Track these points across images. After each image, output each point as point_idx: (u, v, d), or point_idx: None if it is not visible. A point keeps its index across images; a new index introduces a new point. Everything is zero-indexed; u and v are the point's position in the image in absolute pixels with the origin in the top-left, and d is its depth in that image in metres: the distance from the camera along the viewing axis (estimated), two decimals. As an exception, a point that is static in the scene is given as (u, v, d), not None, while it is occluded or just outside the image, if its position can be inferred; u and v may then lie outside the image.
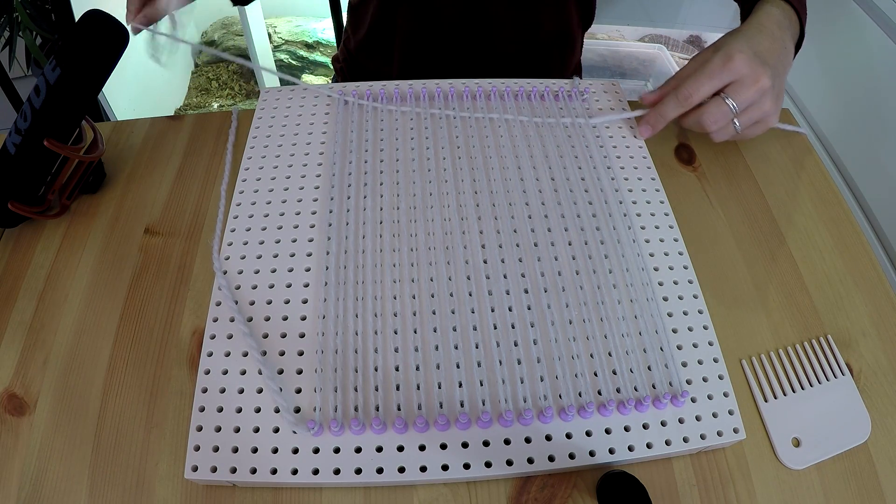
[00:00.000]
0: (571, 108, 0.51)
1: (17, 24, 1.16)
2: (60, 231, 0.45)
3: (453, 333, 0.37)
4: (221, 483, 0.33)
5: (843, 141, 0.93)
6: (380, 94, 0.51)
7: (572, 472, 0.33)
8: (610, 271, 0.40)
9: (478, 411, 0.34)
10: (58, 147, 0.41)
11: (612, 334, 0.37)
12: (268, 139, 0.49)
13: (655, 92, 0.47)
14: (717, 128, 0.44)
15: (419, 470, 0.32)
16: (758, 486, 0.34)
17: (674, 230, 0.43)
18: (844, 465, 0.35)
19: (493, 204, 0.43)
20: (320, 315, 0.38)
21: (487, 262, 0.40)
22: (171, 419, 0.35)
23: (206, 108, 1.85)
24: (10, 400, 0.36)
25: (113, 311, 0.40)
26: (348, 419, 0.33)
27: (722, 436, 0.34)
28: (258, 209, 0.44)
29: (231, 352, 0.36)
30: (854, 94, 0.89)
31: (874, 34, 0.84)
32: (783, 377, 0.37)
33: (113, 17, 0.41)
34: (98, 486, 0.33)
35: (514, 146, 0.48)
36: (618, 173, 0.46)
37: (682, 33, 1.92)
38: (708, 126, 0.44)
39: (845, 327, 0.40)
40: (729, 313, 0.41)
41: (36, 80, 0.48)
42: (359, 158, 0.47)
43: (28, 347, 0.39)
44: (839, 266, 0.44)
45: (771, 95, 0.43)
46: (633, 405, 0.34)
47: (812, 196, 0.48)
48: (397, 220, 0.42)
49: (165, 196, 0.47)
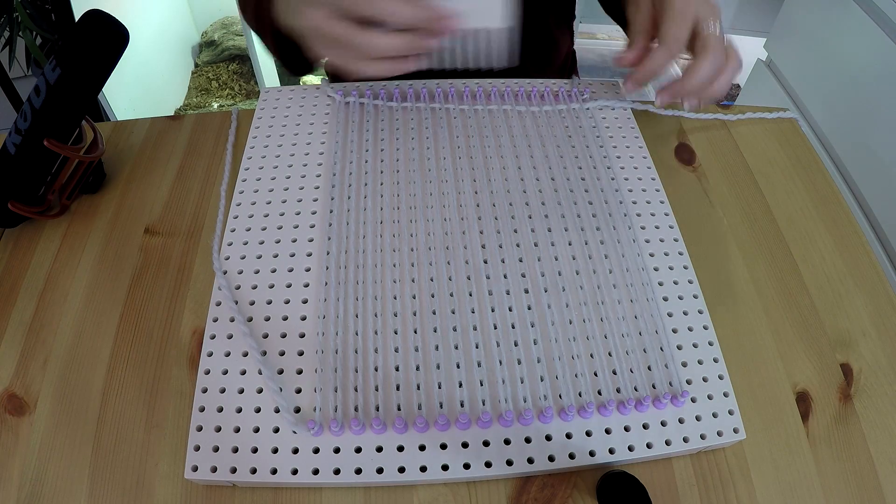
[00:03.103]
0: (571, 108, 0.51)
1: (17, 24, 1.16)
2: (60, 231, 0.45)
3: (453, 333, 0.37)
4: (221, 483, 0.33)
5: (844, 141, 0.93)
6: (380, 94, 0.51)
7: (572, 472, 0.33)
8: (610, 271, 0.40)
9: (478, 411, 0.34)
10: (58, 147, 0.41)
11: (612, 334, 0.37)
12: (268, 139, 0.49)
13: (630, 51, 0.44)
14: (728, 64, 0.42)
15: (419, 470, 0.32)
16: (758, 486, 0.34)
17: (674, 230, 0.43)
18: (844, 465, 0.35)
19: (493, 204, 0.44)
20: (320, 315, 0.38)
21: (488, 262, 0.40)
22: (171, 419, 0.35)
23: (206, 108, 1.85)
24: (10, 400, 0.36)
25: (113, 311, 0.40)
26: (348, 419, 0.33)
27: (722, 436, 0.34)
28: (258, 209, 0.44)
29: (231, 352, 0.36)
30: (854, 94, 0.89)
31: (874, 34, 0.84)
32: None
33: (113, 17, 0.41)
34: (98, 486, 0.33)
35: (515, 146, 0.48)
36: (618, 173, 0.46)
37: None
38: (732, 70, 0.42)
39: (845, 327, 0.40)
40: (729, 313, 0.41)
41: (36, 80, 0.48)
42: (359, 158, 0.47)
43: (28, 347, 0.39)
44: (839, 266, 0.44)
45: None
46: (633, 405, 0.34)
47: (812, 196, 0.48)
48: (397, 219, 0.42)
49: (165, 196, 0.47)
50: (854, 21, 0.88)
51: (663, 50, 0.42)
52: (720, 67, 0.42)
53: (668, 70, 0.43)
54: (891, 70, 0.81)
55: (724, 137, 0.53)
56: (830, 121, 0.95)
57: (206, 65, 1.97)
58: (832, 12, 0.93)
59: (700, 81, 0.41)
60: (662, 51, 0.42)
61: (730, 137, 0.53)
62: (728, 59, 0.42)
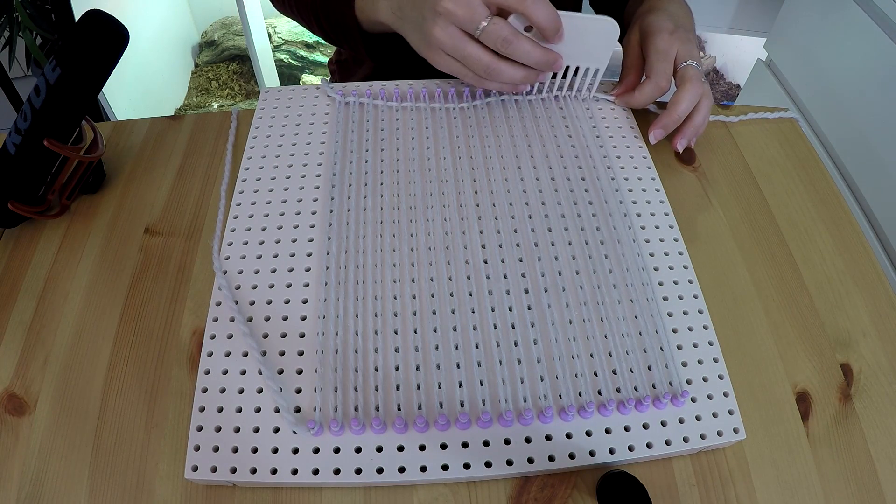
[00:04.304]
0: (571, 108, 0.51)
1: (17, 24, 1.16)
2: (60, 231, 0.45)
3: (453, 333, 0.37)
4: (221, 483, 0.33)
5: (844, 141, 0.93)
6: (380, 94, 0.51)
7: (572, 472, 0.33)
8: (610, 271, 0.40)
9: (478, 411, 0.34)
10: (58, 147, 0.41)
11: (612, 334, 0.37)
12: (268, 139, 0.49)
13: (622, 85, 0.51)
14: (707, 95, 0.47)
15: (419, 470, 0.32)
16: (758, 486, 0.34)
17: (674, 230, 0.43)
18: (844, 465, 0.35)
19: (493, 204, 0.44)
20: (320, 315, 0.38)
21: (488, 261, 0.40)
22: (171, 419, 0.35)
23: (206, 108, 1.85)
24: (10, 400, 0.36)
25: (113, 311, 0.40)
26: (348, 419, 0.33)
27: (722, 436, 0.34)
28: (258, 209, 0.44)
29: (231, 352, 0.36)
30: (854, 94, 0.89)
31: (874, 34, 0.84)
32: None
33: (113, 17, 0.41)
34: (98, 486, 0.33)
35: (515, 146, 0.48)
36: (618, 173, 0.46)
37: (681, 33, 1.90)
38: (708, 101, 0.47)
39: (845, 327, 0.40)
40: (729, 313, 0.41)
41: (36, 80, 0.48)
42: (359, 158, 0.47)
43: (28, 347, 0.39)
44: (839, 266, 0.44)
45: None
46: (634, 405, 0.34)
47: (812, 196, 0.48)
48: (397, 219, 0.42)
49: (165, 196, 0.47)
50: (854, 21, 0.88)
51: (652, 83, 0.48)
52: (700, 97, 0.47)
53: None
54: (891, 70, 0.81)
55: (724, 137, 0.53)
56: (830, 121, 0.95)
57: (206, 65, 1.97)
58: (832, 12, 0.93)
59: (683, 110, 0.46)
60: (651, 83, 0.48)
61: (730, 137, 0.53)
62: (704, 93, 0.47)
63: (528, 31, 0.44)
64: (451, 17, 0.41)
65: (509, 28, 0.41)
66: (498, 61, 0.43)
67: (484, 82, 0.46)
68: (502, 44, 0.41)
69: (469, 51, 0.42)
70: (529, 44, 0.42)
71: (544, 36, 0.43)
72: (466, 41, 0.42)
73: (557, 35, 0.43)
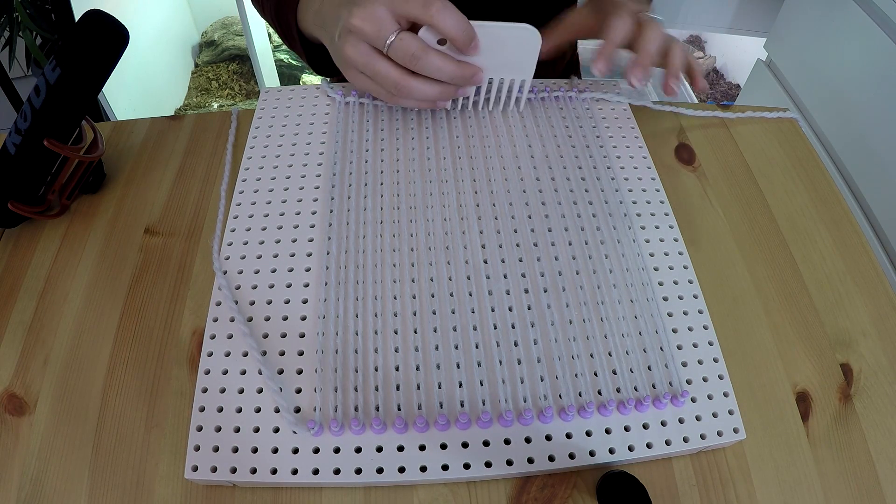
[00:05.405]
0: (571, 107, 0.51)
1: (17, 24, 1.16)
2: (60, 231, 0.45)
3: (453, 333, 0.37)
4: (221, 483, 0.33)
5: (844, 141, 0.93)
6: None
7: (572, 472, 0.33)
8: (610, 271, 0.40)
9: (478, 411, 0.34)
10: (58, 147, 0.41)
11: (612, 334, 0.37)
12: (268, 139, 0.49)
13: (598, 60, 0.47)
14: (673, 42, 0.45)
15: (419, 470, 0.32)
16: (758, 486, 0.34)
17: (674, 230, 0.43)
18: (844, 465, 0.35)
19: (493, 204, 0.44)
20: (320, 315, 0.38)
21: (488, 261, 0.40)
22: (171, 419, 0.35)
23: (206, 108, 1.85)
24: (10, 400, 0.36)
25: (113, 311, 0.40)
26: (348, 419, 0.33)
27: (722, 436, 0.34)
28: (258, 209, 0.44)
29: (231, 352, 0.36)
30: (854, 94, 0.89)
31: (874, 34, 0.84)
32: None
33: (113, 17, 0.41)
34: (98, 486, 0.33)
35: (514, 146, 0.48)
36: (618, 173, 0.46)
37: (681, 33, 1.92)
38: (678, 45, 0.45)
39: (845, 327, 0.40)
40: (729, 313, 0.41)
41: (36, 80, 0.48)
42: (359, 158, 0.47)
43: (28, 347, 0.39)
44: (839, 266, 0.44)
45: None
46: (634, 405, 0.34)
47: (812, 196, 0.48)
48: (397, 219, 0.42)
49: (165, 196, 0.47)
50: (854, 21, 0.88)
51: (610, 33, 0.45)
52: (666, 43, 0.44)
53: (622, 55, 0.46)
54: (891, 70, 0.81)
55: (724, 137, 0.53)
56: (830, 121, 0.95)
57: (206, 65, 1.97)
58: (832, 12, 0.93)
59: (617, 35, 0.44)
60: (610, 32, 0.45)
61: (730, 137, 0.53)
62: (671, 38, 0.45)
63: (442, 44, 0.41)
64: (361, 34, 0.40)
65: (417, 42, 0.39)
66: (408, 78, 0.41)
67: (397, 100, 0.44)
68: (411, 59, 0.39)
69: (378, 67, 0.40)
70: (441, 58, 0.40)
71: (458, 48, 0.41)
72: (377, 58, 0.40)
73: (472, 46, 0.41)
